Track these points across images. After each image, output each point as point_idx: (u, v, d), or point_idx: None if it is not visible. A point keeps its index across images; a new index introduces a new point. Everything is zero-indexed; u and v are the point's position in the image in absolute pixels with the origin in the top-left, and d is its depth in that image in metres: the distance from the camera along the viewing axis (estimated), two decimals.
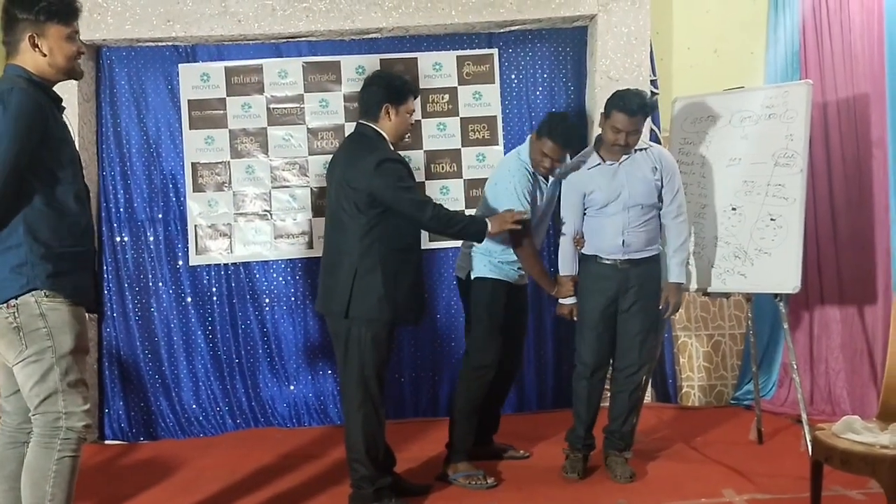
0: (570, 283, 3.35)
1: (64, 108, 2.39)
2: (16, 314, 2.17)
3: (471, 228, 3.06)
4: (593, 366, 3.32)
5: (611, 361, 3.40)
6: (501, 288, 3.35)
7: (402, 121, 3.01)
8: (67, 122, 2.38)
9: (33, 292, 2.17)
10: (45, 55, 2.25)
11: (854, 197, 4.06)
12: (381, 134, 2.99)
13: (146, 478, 3.57)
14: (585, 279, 3.35)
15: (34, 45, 2.25)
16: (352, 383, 2.92)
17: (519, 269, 3.40)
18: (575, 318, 3.37)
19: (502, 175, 3.37)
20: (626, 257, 3.26)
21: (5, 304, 2.17)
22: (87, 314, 2.36)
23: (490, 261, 3.35)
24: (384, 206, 2.88)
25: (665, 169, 3.28)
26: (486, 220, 3.08)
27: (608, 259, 3.27)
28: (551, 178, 3.44)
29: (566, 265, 3.39)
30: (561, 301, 3.41)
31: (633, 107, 3.13)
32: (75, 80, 2.41)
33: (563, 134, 3.23)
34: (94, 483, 3.47)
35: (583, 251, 3.36)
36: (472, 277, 3.37)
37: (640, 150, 3.29)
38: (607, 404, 3.43)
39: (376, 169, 2.85)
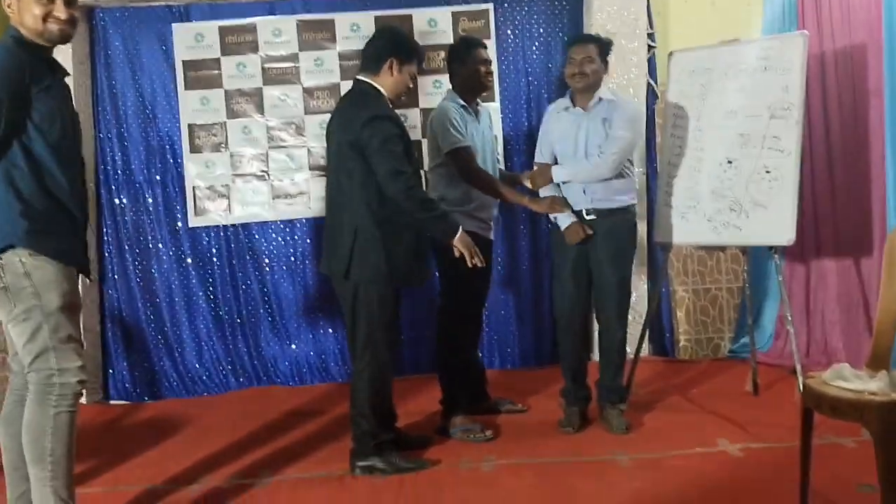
0: (579, 227, 3.26)
1: (66, 75, 2.37)
2: (1, 274, 2.19)
3: (439, 224, 2.92)
4: (569, 318, 3.37)
5: (589, 314, 3.42)
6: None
7: (403, 79, 2.97)
8: (69, 90, 2.39)
9: (16, 250, 2.19)
10: (14, 14, 2.25)
11: (851, 147, 4.05)
12: (379, 90, 2.95)
13: (151, 436, 3.64)
14: (556, 232, 3.38)
15: (7, 5, 2.26)
16: (359, 343, 2.95)
17: (481, 220, 3.41)
18: (589, 232, 3.27)
19: (437, 117, 3.36)
20: (592, 206, 3.28)
21: None
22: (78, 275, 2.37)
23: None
24: (370, 160, 2.82)
25: (616, 116, 3.25)
26: (458, 225, 2.96)
27: (576, 210, 3.29)
28: (483, 117, 3.49)
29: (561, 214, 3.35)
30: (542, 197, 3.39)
31: (582, 36, 3.35)
32: (53, 43, 2.31)
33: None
34: (99, 442, 3.54)
35: None
36: None
37: (608, 100, 3.30)
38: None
39: (367, 124, 2.81)
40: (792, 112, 3.40)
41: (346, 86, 4.37)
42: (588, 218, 3.29)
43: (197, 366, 4.47)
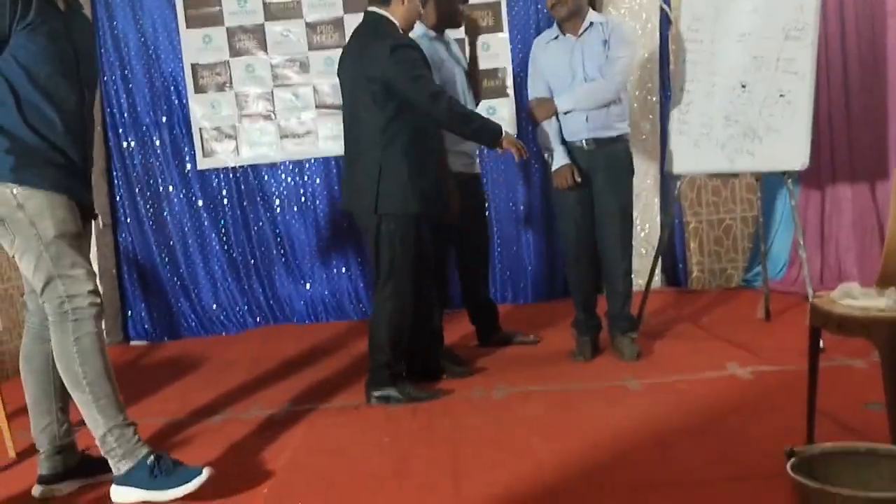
0: (569, 171, 3.24)
1: (76, 9, 2.30)
2: None
3: (485, 131, 2.97)
4: (576, 251, 3.37)
5: (594, 246, 3.40)
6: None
7: (414, 7, 2.94)
8: (82, 25, 2.33)
9: (6, 184, 2.17)
10: None
11: (868, 70, 3.95)
12: (391, 20, 2.91)
13: (172, 374, 3.72)
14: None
15: None
16: (382, 276, 2.97)
17: (466, 155, 3.40)
18: (578, 179, 3.25)
19: None
20: (592, 135, 3.24)
21: None
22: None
23: None
24: (399, 95, 2.83)
25: (612, 37, 3.21)
26: (501, 128, 2.98)
27: (575, 141, 3.26)
28: (452, 47, 3.41)
29: (556, 151, 3.30)
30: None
31: None
32: None
33: None
34: (121, 381, 3.53)
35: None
36: None
37: (598, 23, 3.24)
38: None
39: (391, 55, 2.79)
40: (807, 32, 3.31)
41: (351, 19, 4.38)
42: (587, 148, 3.25)
43: (214, 306, 4.53)
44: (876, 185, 4.02)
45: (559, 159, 3.28)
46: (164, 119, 4.42)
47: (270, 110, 4.46)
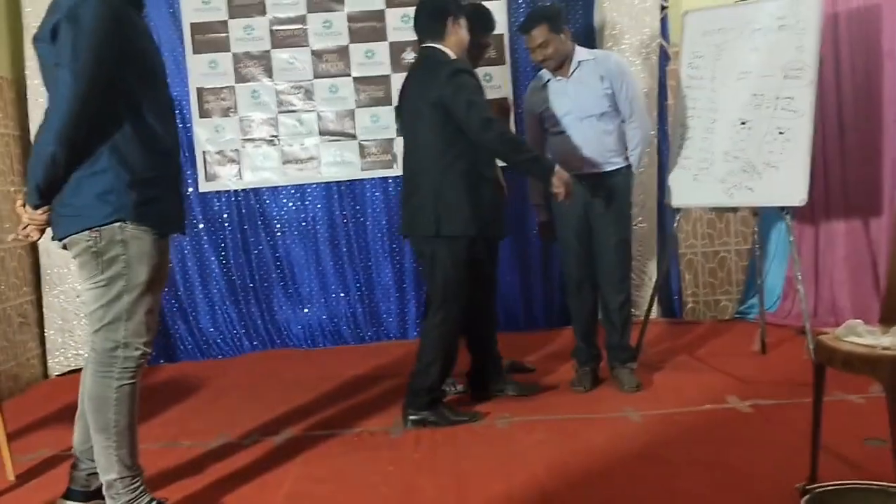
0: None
1: (144, 8, 2.21)
2: (98, 239, 2.08)
3: (537, 164, 2.99)
4: (577, 281, 3.41)
5: (594, 276, 3.44)
6: None
7: (464, 34, 3.04)
8: (148, 24, 2.23)
9: (118, 221, 2.08)
10: None
11: (862, 109, 4.04)
12: (446, 52, 2.99)
13: (169, 397, 3.70)
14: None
15: None
16: (435, 300, 3.01)
17: None
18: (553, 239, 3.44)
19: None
20: (590, 171, 3.29)
21: (88, 230, 2.07)
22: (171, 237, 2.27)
23: None
24: (454, 119, 2.88)
25: (613, 75, 3.28)
26: (554, 164, 3.00)
27: (573, 174, 3.30)
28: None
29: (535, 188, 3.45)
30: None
31: (527, 23, 3.25)
32: None
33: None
34: None
35: None
36: None
37: (589, 60, 3.30)
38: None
39: (449, 79, 2.86)
40: (806, 72, 3.39)
41: (355, 48, 4.46)
42: (585, 181, 3.29)
43: (211, 329, 4.52)
44: (869, 221, 4.10)
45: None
46: None
47: (274, 135, 4.50)
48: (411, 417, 3.02)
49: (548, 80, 3.36)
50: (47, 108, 2.05)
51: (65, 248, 2.20)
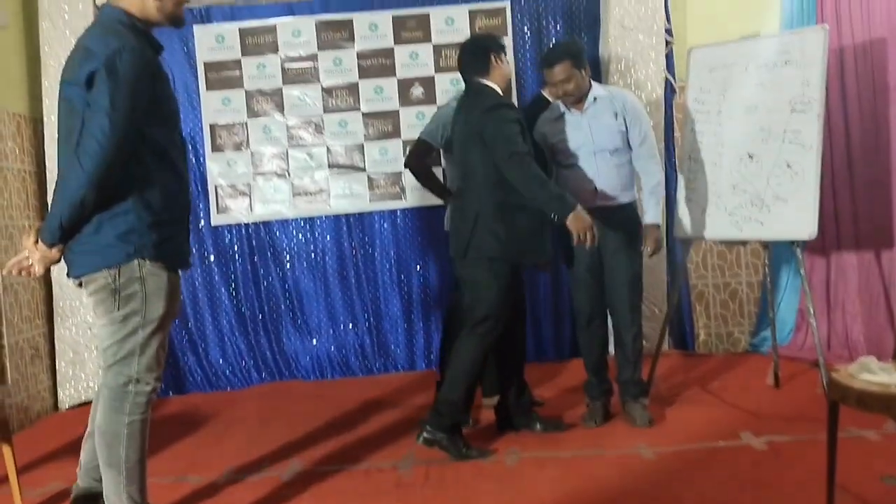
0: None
1: (163, 50, 2.28)
2: (117, 276, 2.13)
3: (556, 202, 2.95)
4: (588, 314, 3.40)
5: (605, 310, 3.44)
6: None
7: (507, 68, 3.17)
8: (166, 70, 2.32)
9: (144, 259, 2.15)
10: None
11: (870, 142, 4.05)
12: (491, 86, 3.11)
13: (177, 429, 3.69)
14: (565, 231, 3.39)
15: None
16: (475, 317, 3.06)
17: None
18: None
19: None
20: (602, 204, 3.30)
21: (107, 268, 2.13)
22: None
23: None
24: (488, 144, 2.97)
25: (628, 112, 3.32)
26: (574, 204, 2.96)
27: (585, 208, 3.31)
28: None
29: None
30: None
31: (551, 58, 3.28)
32: (178, 27, 2.33)
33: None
34: None
35: None
36: None
37: (603, 96, 3.33)
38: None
39: (488, 111, 3.00)
40: (813, 106, 3.40)
41: (365, 84, 4.51)
42: (597, 215, 3.29)
43: (220, 361, 4.53)
44: (881, 253, 4.08)
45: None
46: None
47: (285, 169, 4.54)
48: (426, 435, 3.02)
49: (562, 113, 3.38)
50: (61, 149, 2.14)
51: (80, 285, 2.24)
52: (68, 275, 2.24)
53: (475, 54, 3.14)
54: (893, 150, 3.94)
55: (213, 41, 4.46)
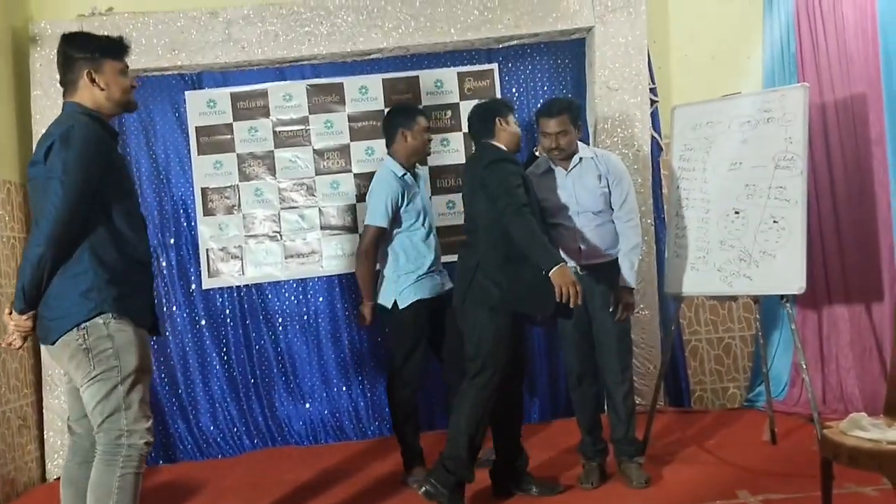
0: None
1: (118, 137, 2.54)
2: (86, 335, 2.29)
3: (543, 256, 2.95)
4: (579, 373, 3.39)
5: (595, 368, 3.42)
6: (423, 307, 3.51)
7: (514, 129, 3.28)
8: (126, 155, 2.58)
9: (101, 315, 2.29)
10: (102, 89, 2.42)
11: (855, 196, 4.10)
12: (497, 146, 3.21)
13: (167, 500, 3.62)
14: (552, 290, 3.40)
15: (92, 81, 2.41)
16: (474, 366, 3.05)
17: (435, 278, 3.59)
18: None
19: (374, 186, 3.61)
20: (587, 262, 3.33)
21: (75, 328, 2.29)
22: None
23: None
24: (490, 196, 3.04)
25: (611, 174, 3.37)
26: (558, 260, 2.96)
27: (570, 266, 3.32)
28: (420, 181, 3.71)
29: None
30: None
31: (554, 109, 3.35)
32: (130, 112, 2.60)
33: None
34: None
35: None
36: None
37: (588, 157, 3.39)
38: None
39: (488, 165, 3.10)
40: (796, 162, 3.45)
41: (356, 146, 4.57)
42: (581, 273, 3.32)
43: (211, 428, 4.46)
44: (871, 306, 4.09)
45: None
46: (171, 241, 4.50)
47: (277, 231, 4.56)
48: (428, 488, 3.00)
49: (548, 169, 3.43)
50: (34, 224, 2.35)
51: (55, 355, 2.38)
52: (43, 343, 2.38)
53: (482, 119, 3.28)
54: (878, 203, 3.99)
55: (204, 106, 4.52)
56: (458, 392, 3.14)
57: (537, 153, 3.63)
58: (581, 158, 3.38)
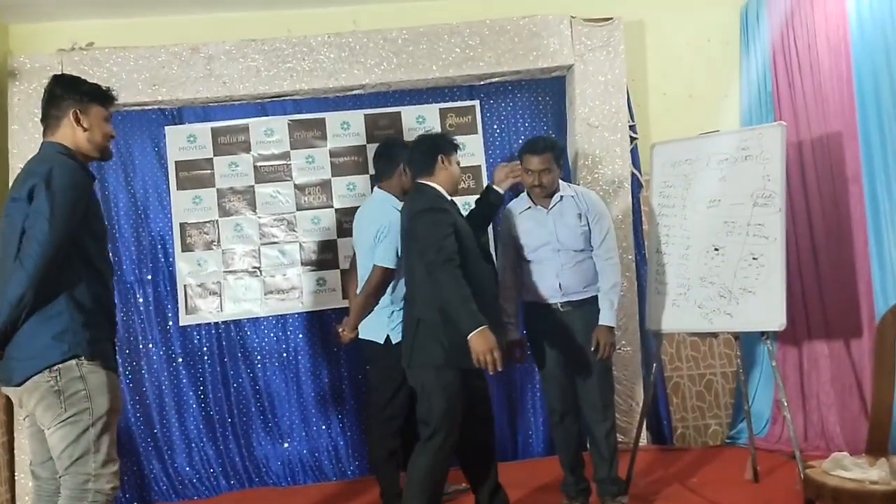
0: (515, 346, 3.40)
1: (94, 179, 2.56)
2: (58, 377, 2.28)
3: (465, 317, 2.81)
4: (561, 411, 3.36)
5: (577, 406, 3.40)
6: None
7: (455, 170, 3.17)
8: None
9: (74, 358, 2.30)
10: (86, 130, 2.47)
11: (833, 232, 4.13)
12: (434, 187, 3.10)
13: None
14: (532, 327, 3.40)
15: (77, 120, 2.46)
16: (429, 428, 2.95)
17: None
18: (519, 358, 3.46)
19: (385, 225, 3.40)
20: (566, 299, 3.33)
21: (47, 369, 2.28)
22: None
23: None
24: (417, 250, 2.94)
25: (591, 213, 3.39)
26: (479, 324, 2.81)
27: (549, 303, 3.32)
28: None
29: (507, 304, 3.40)
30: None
31: (538, 147, 3.35)
32: (105, 160, 2.62)
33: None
34: None
35: (524, 299, 3.45)
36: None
37: (569, 196, 3.41)
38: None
39: (418, 214, 2.97)
40: (774, 200, 3.48)
41: (337, 182, 4.56)
42: (563, 310, 3.31)
43: (187, 468, 4.36)
44: (850, 343, 4.10)
45: (512, 334, 3.41)
46: (149, 276, 4.43)
47: (257, 266, 4.52)
48: None
49: (527, 208, 3.42)
50: (2, 263, 2.36)
51: (18, 399, 2.36)
52: (7, 384, 2.36)
53: (425, 154, 3.14)
54: (856, 240, 4.01)
55: (184, 141, 4.49)
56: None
57: (496, 188, 3.57)
58: (562, 196, 3.40)
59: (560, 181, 3.45)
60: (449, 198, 3.12)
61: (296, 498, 4.07)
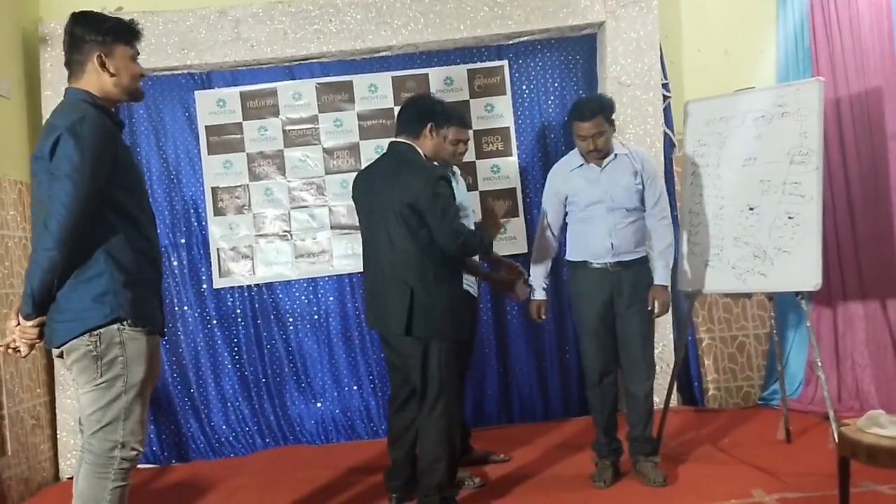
0: (535, 308, 3.44)
1: (123, 127, 2.42)
2: (98, 342, 2.18)
3: (485, 242, 3.08)
4: (600, 372, 3.34)
5: (617, 366, 3.39)
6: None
7: (440, 143, 3.11)
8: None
9: (116, 322, 2.19)
10: (113, 75, 2.28)
11: (871, 191, 4.05)
12: (419, 151, 3.05)
13: (180, 499, 3.62)
14: (578, 286, 3.37)
15: (102, 65, 2.27)
16: (430, 395, 2.95)
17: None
18: (543, 318, 3.46)
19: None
20: (616, 260, 3.29)
21: (87, 333, 2.18)
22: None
23: None
24: (427, 223, 2.91)
25: (646, 172, 3.33)
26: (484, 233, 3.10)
27: (598, 263, 3.29)
28: (459, 177, 3.65)
29: (538, 266, 3.44)
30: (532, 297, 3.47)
31: (586, 112, 3.24)
32: (137, 101, 2.46)
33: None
34: None
35: (571, 258, 3.41)
36: None
37: (623, 154, 3.34)
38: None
39: (428, 185, 2.89)
40: (811, 158, 3.41)
41: (366, 145, 4.55)
42: (612, 270, 3.29)
43: (224, 427, 4.46)
44: (887, 303, 4.04)
45: (537, 294, 3.44)
46: (182, 241, 4.50)
47: (287, 230, 4.56)
48: None
49: (579, 165, 3.37)
50: (34, 224, 2.24)
51: (61, 356, 2.26)
52: (48, 345, 2.25)
53: (416, 117, 3.07)
54: (894, 198, 3.93)
55: (214, 105, 4.52)
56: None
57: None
58: (616, 155, 3.33)
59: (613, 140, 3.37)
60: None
61: (329, 456, 4.14)
